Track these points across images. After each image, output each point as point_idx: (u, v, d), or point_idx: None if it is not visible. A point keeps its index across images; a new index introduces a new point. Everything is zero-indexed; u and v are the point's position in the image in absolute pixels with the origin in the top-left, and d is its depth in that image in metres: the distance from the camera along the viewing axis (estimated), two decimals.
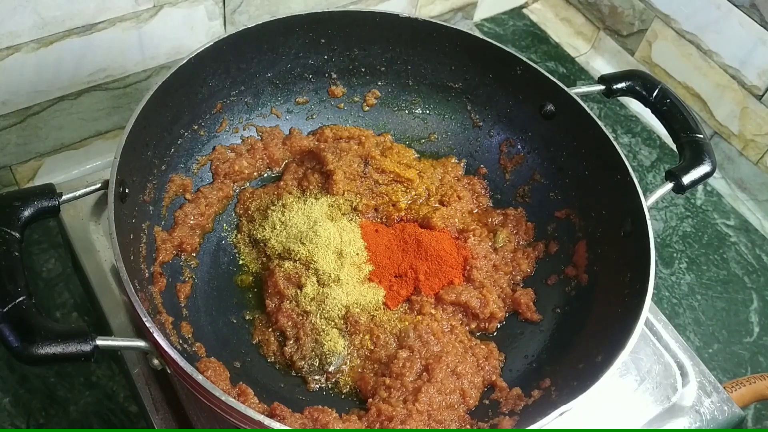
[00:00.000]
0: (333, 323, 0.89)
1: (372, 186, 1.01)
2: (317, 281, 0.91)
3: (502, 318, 0.94)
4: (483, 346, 0.90)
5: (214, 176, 0.99)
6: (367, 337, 0.89)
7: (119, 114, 1.11)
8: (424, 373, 0.85)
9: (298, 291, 0.90)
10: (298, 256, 0.92)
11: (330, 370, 0.87)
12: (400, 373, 0.84)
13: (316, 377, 0.87)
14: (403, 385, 0.83)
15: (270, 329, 0.90)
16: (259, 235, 0.97)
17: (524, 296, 0.95)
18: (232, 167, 1.00)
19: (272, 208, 0.98)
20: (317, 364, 0.87)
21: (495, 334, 0.94)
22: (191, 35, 1.08)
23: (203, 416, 0.81)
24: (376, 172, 1.02)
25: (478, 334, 0.94)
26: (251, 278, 0.95)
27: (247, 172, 1.02)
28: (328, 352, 0.87)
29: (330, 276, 0.91)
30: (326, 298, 0.90)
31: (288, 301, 0.90)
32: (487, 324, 0.93)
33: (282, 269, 0.92)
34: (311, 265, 0.92)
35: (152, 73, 1.09)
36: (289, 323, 0.89)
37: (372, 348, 0.88)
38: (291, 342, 0.88)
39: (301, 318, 0.89)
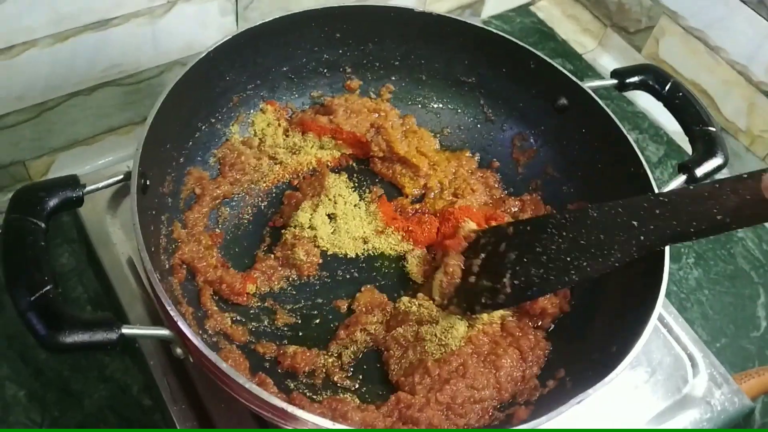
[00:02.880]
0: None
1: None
2: None
3: (553, 314, 0.91)
4: (531, 337, 0.88)
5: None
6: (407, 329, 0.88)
7: (132, 110, 1.11)
8: (460, 367, 0.83)
9: None
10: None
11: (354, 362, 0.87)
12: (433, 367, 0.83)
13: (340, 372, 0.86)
14: (432, 376, 0.82)
15: None
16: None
17: None
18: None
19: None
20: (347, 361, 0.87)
21: (551, 329, 0.91)
22: (204, 31, 1.08)
23: (220, 406, 0.81)
24: (383, 143, 1.02)
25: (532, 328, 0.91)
26: None
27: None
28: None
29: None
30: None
31: None
32: (540, 321, 0.91)
33: None
34: None
35: (165, 69, 1.09)
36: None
37: (411, 340, 0.87)
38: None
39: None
